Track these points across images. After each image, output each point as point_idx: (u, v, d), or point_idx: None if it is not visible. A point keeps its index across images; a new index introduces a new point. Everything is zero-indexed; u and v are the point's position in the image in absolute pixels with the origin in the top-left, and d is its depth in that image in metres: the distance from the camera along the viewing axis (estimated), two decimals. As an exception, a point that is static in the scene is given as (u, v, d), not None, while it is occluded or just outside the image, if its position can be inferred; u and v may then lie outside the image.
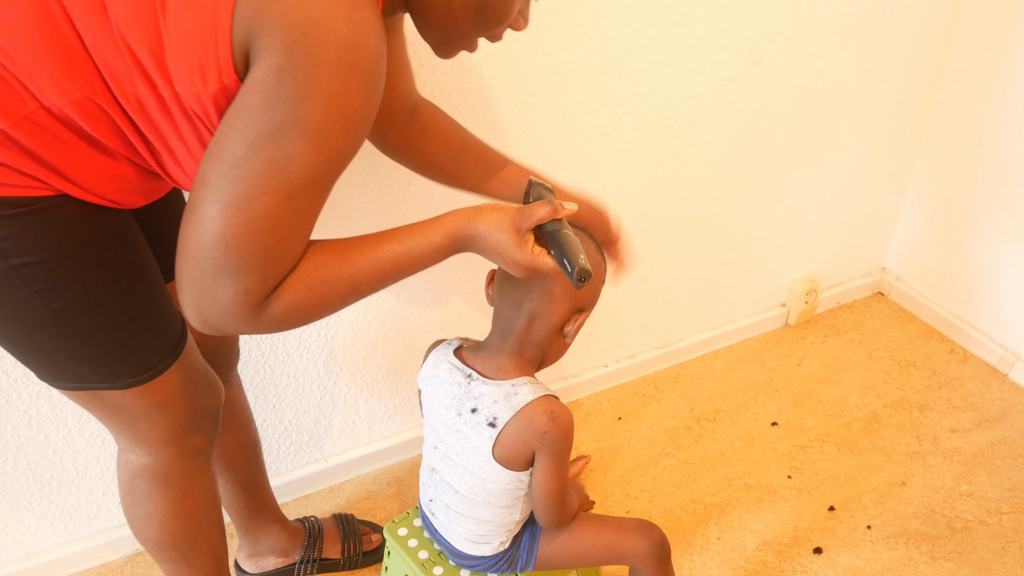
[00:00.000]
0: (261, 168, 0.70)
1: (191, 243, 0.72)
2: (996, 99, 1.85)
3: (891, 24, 1.78)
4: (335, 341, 1.48)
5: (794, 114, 1.77)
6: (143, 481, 1.01)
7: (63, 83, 0.71)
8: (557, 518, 1.09)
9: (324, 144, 0.71)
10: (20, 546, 1.38)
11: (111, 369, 0.87)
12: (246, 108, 0.70)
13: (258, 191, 0.70)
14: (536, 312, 1.01)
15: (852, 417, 1.84)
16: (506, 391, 1.02)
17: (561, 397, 1.83)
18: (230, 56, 0.69)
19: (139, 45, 0.69)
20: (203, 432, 1.01)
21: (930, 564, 1.50)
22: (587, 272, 0.85)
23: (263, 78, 0.68)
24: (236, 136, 0.70)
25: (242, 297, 0.74)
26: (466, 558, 1.14)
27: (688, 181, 1.71)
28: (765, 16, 1.59)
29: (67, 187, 0.77)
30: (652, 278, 1.82)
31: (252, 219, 0.71)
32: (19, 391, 1.24)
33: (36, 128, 0.72)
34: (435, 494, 1.14)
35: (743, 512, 1.59)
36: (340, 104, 0.70)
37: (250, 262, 0.72)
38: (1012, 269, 1.93)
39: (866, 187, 2.04)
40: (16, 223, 0.75)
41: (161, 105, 0.73)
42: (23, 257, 0.77)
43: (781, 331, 2.12)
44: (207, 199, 0.71)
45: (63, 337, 0.83)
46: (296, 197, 0.72)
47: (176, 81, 0.71)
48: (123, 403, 0.91)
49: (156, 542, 1.06)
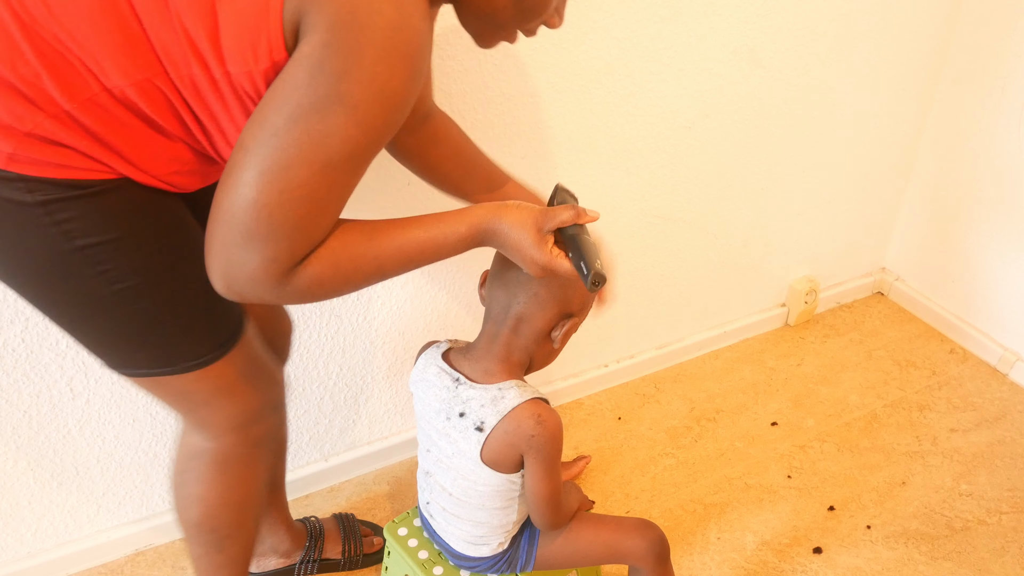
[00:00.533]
0: (300, 139, 0.72)
1: (225, 206, 0.73)
2: (996, 99, 1.85)
3: (891, 24, 1.78)
4: (335, 341, 1.48)
5: (794, 114, 1.77)
6: (199, 463, 1.02)
7: (125, 65, 0.72)
8: (552, 520, 1.09)
9: (363, 121, 0.73)
10: (20, 546, 1.38)
11: (171, 353, 0.89)
12: (291, 80, 0.71)
13: (295, 161, 0.72)
14: (523, 315, 1.01)
15: (852, 417, 1.84)
16: (493, 395, 1.02)
17: (561, 397, 1.83)
18: (281, 32, 0.71)
19: (195, 27, 0.71)
20: (266, 422, 1.02)
21: (930, 564, 1.50)
22: (602, 277, 0.87)
23: (309, 52, 0.70)
24: (278, 106, 0.72)
25: (270, 264, 0.75)
26: (465, 559, 1.14)
27: (688, 181, 1.71)
28: (765, 16, 1.59)
29: (128, 169, 0.78)
30: (652, 278, 1.82)
31: (286, 188, 0.72)
32: (19, 391, 1.24)
33: (99, 110, 0.74)
34: (431, 497, 1.14)
35: (743, 512, 1.59)
36: (382, 83, 0.72)
37: (280, 230, 0.74)
38: (1012, 269, 1.93)
39: (866, 187, 2.05)
40: (81, 204, 0.77)
41: (213, 86, 0.75)
42: (87, 238, 0.78)
43: (781, 331, 2.12)
44: (244, 164, 0.73)
45: (124, 320, 0.84)
46: (331, 171, 0.74)
47: (229, 61, 0.73)
48: (185, 388, 0.92)
49: (197, 524, 1.07)
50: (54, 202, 0.75)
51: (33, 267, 0.80)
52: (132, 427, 1.37)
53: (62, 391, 1.27)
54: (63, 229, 0.77)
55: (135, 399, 1.34)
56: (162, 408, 1.37)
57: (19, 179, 0.73)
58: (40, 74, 0.71)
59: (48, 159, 0.74)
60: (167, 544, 1.49)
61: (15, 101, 0.71)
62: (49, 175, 0.74)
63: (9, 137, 0.72)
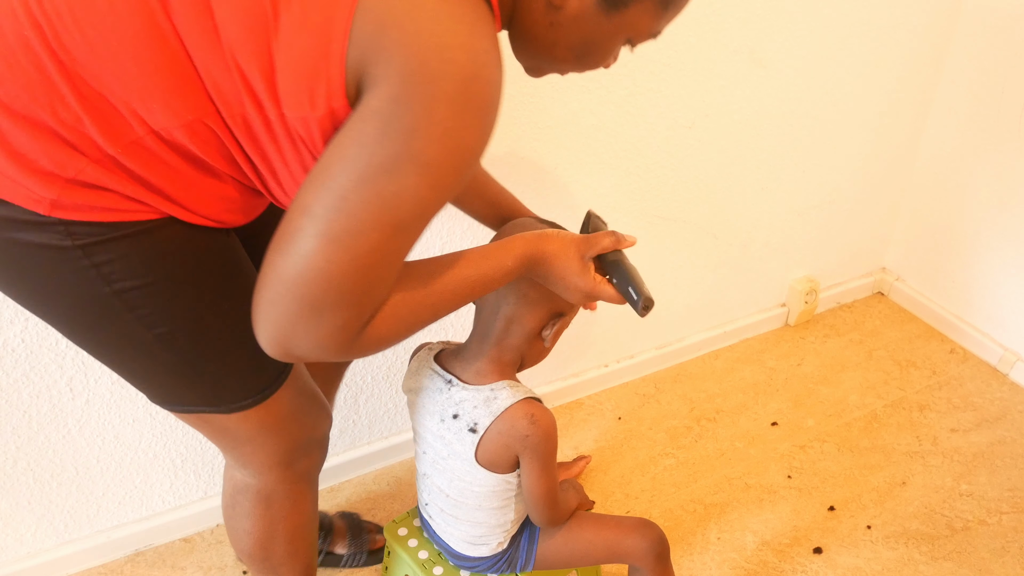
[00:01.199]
0: (369, 202, 0.67)
1: (286, 275, 0.69)
2: (996, 99, 1.85)
3: (891, 24, 1.78)
4: (335, 341, 1.48)
5: (794, 114, 1.77)
6: (245, 499, 1.01)
7: (175, 105, 0.69)
8: (550, 517, 1.09)
9: (436, 180, 0.69)
10: (20, 546, 1.38)
11: (215, 393, 0.86)
12: (358, 136, 0.67)
13: (366, 226, 0.68)
14: (513, 316, 1.01)
15: (852, 417, 1.84)
16: (485, 396, 1.02)
17: (561, 397, 1.83)
18: (342, 80, 0.67)
19: (250, 66, 0.68)
20: (310, 457, 1.00)
21: (930, 564, 1.50)
22: (652, 302, 0.89)
23: (378, 107, 0.66)
24: (345, 166, 0.67)
25: (339, 332, 0.72)
26: (465, 559, 1.14)
27: (688, 181, 1.71)
28: (765, 16, 1.59)
29: (173, 209, 0.75)
30: (652, 278, 1.82)
31: (357, 255, 0.68)
32: (19, 391, 1.24)
33: (144, 152, 0.71)
34: (429, 498, 1.14)
35: (743, 512, 1.59)
36: (455, 139, 0.68)
37: (351, 298, 0.70)
38: (1012, 269, 1.93)
39: (866, 187, 2.04)
40: (120, 246, 0.74)
41: (267, 127, 0.72)
42: (126, 282, 0.76)
43: (781, 331, 2.12)
44: (309, 231, 0.68)
45: (166, 362, 0.82)
46: (401, 232, 0.70)
47: (284, 104, 0.69)
48: (228, 426, 0.90)
49: (250, 555, 1.06)
50: (93, 245, 0.73)
51: (72, 310, 0.77)
52: (132, 427, 1.37)
53: (62, 391, 1.27)
54: (102, 272, 0.75)
55: (135, 399, 1.34)
56: (162, 408, 1.37)
57: (59, 223, 0.71)
58: (82, 119, 0.68)
59: (91, 203, 0.71)
60: (167, 544, 1.49)
61: (57, 147, 0.68)
62: (90, 218, 0.72)
63: (52, 184, 0.69)
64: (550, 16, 0.77)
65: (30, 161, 0.68)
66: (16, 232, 0.71)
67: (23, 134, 0.68)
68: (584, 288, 0.89)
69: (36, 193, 0.69)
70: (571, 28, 0.78)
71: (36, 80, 0.66)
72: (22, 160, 0.68)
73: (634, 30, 0.79)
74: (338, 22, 0.65)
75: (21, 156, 0.68)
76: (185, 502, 1.50)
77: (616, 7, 0.76)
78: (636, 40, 0.81)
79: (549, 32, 0.79)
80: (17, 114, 0.67)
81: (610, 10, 0.76)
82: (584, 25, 0.78)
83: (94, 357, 0.84)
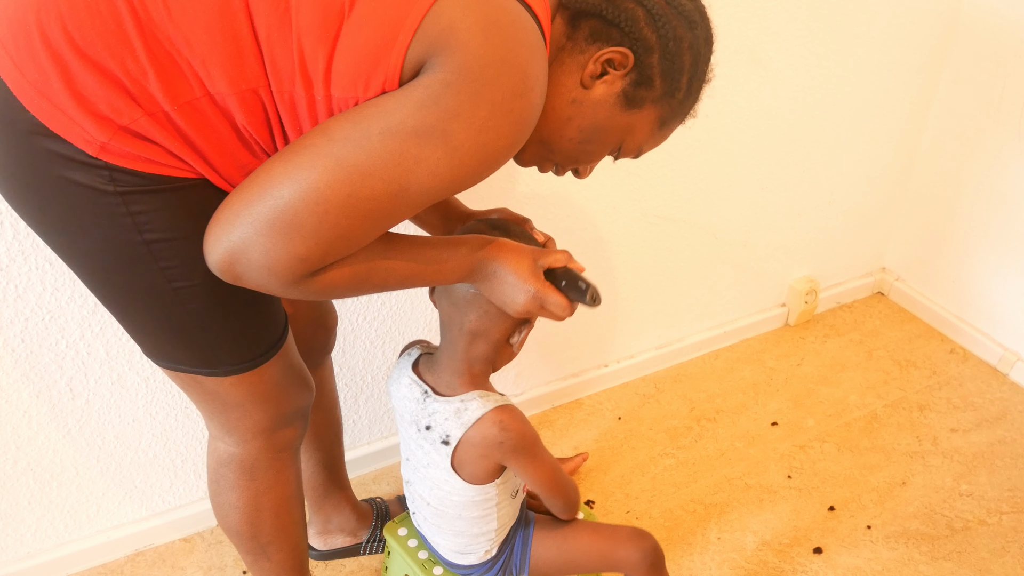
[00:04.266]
0: (391, 153, 0.71)
1: (279, 182, 0.71)
2: (996, 99, 1.85)
3: (891, 23, 1.78)
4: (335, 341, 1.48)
5: (794, 114, 1.77)
6: (229, 471, 1.03)
7: (233, 73, 0.73)
8: (564, 504, 1.11)
9: (457, 165, 0.73)
10: (20, 546, 1.38)
11: (214, 355, 0.89)
12: (403, 98, 0.71)
13: (376, 172, 0.71)
14: (476, 331, 1.01)
15: (852, 417, 1.84)
16: (456, 407, 1.02)
17: (561, 397, 1.83)
18: (399, 68, 0.72)
19: (314, 47, 0.72)
20: (292, 427, 1.02)
21: (930, 564, 1.50)
22: (598, 295, 0.91)
23: (429, 83, 0.71)
24: (380, 115, 0.71)
25: (297, 263, 0.73)
26: (457, 567, 1.15)
27: (688, 181, 1.71)
28: (765, 16, 1.59)
29: (209, 172, 0.79)
30: (652, 278, 1.82)
31: (355, 194, 0.71)
32: (19, 391, 1.24)
33: (197, 114, 0.74)
34: (415, 507, 1.15)
35: (743, 512, 1.59)
36: (487, 139, 0.73)
37: (327, 233, 0.72)
38: (1012, 269, 1.93)
39: (866, 187, 2.04)
40: (156, 200, 0.77)
41: (311, 106, 0.75)
42: (157, 233, 0.79)
43: (781, 331, 2.12)
44: (322, 149, 0.71)
45: (176, 317, 0.85)
46: (402, 197, 0.73)
47: (335, 84, 0.73)
48: (219, 390, 0.92)
49: (238, 532, 1.07)
50: (132, 193, 0.76)
51: (100, 253, 0.80)
52: (132, 427, 1.37)
53: (62, 391, 1.27)
54: (136, 221, 0.77)
55: (135, 399, 1.34)
56: (162, 408, 1.37)
57: (105, 168, 0.74)
58: (147, 72, 0.72)
59: (137, 152, 0.74)
60: (167, 544, 1.49)
61: (117, 95, 0.72)
62: (134, 167, 0.75)
63: (105, 128, 0.73)
64: (576, 92, 0.85)
65: (91, 104, 0.72)
66: (66, 170, 0.75)
67: (90, 78, 0.71)
68: (534, 289, 0.90)
69: (89, 134, 0.73)
70: (589, 110, 0.86)
71: (113, 31, 0.71)
72: (83, 101, 0.72)
73: (631, 135, 0.89)
74: (411, 18, 0.71)
75: (83, 97, 0.72)
76: (185, 502, 1.50)
77: (632, 104, 0.86)
78: (626, 148, 0.91)
79: (569, 108, 0.86)
80: (89, 59, 0.71)
81: (627, 106, 0.86)
82: (601, 111, 0.86)
83: (105, 304, 0.87)
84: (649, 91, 0.85)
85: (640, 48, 0.82)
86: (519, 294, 0.91)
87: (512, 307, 0.92)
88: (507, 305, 0.92)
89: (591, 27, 0.83)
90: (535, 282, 0.90)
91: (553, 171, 0.95)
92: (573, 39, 0.84)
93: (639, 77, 0.84)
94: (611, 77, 0.84)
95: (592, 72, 0.83)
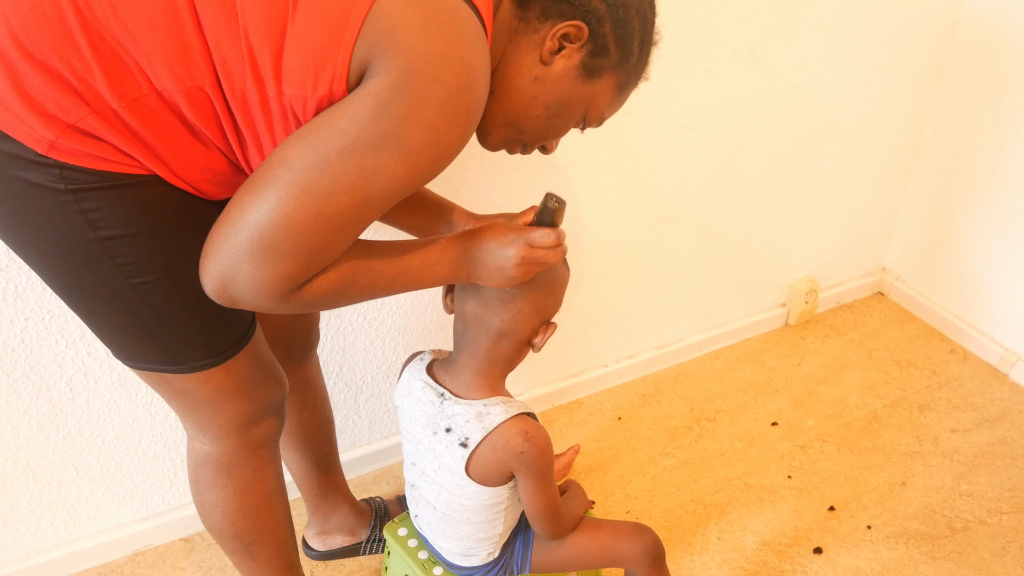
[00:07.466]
0: (350, 170, 0.74)
1: (251, 214, 0.75)
2: (996, 99, 1.85)
3: (891, 23, 1.78)
4: (335, 341, 1.48)
5: (794, 114, 1.77)
6: (206, 470, 1.03)
7: (178, 71, 0.74)
8: (553, 530, 1.10)
9: (412, 166, 0.77)
10: (20, 546, 1.38)
11: (179, 351, 0.90)
12: (352, 112, 0.74)
13: (339, 189, 0.75)
14: (506, 331, 1.01)
15: (852, 417, 1.84)
16: (478, 411, 1.02)
17: (561, 397, 1.83)
18: (346, 68, 0.74)
19: (261, 45, 0.74)
20: (266, 424, 1.03)
21: (930, 564, 1.50)
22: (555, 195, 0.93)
23: (376, 92, 0.73)
24: (334, 134, 0.74)
25: (282, 281, 0.77)
26: (459, 569, 1.15)
27: (688, 181, 1.71)
28: (765, 16, 1.59)
29: (160, 168, 0.80)
30: (652, 278, 1.82)
31: (322, 213, 0.75)
32: (19, 391, 1.24)
33: (145, 111, 0.76)
34: (418, 510, 1.15)
35: (743, 512, 1.59)
36: (438, 136, 0.76)
37: (304, 251, 0.76)
38: (1012, 269, 1.93)
39: (866, 187, 2.04)
40: (108, 196, 0.78)
41: (263, 103, 0.77)
42: (110, 230, 0.80)
43: (781, 331, 2.12)
44: (285, 179, 0.74)
45: (136, 314, 0.86)
46: (367, 205, 0.77)
47: (286, 82, 0.75)
48: (187, 388, 0.93)
49: (220, 531, 1.08)
50: (84, 191, 0.77)
51: (56, 253, 0.81)
52: (132, 427, 1.37)
53: (62, 391, 1.27)
54: (89, 218, 0.78)
55: (135, 399, 1.34)
56: (162, 408, 1.37)
57: (55, 165, 0.75)
58: (94, 71, 0.72)
59: (86, 150, 0.75)
60: (167, 544, 1.49)
61: (64, 94, 0.73)
62: (83, 164, 0.76)
63: (53, 126, 0.74)
64: (537, 70, 0.87)
65: (37, 103, 0.73)
66: (16, 169, 0.75)
67: (36, 77, 0.72)
68: (517, 236, 0.91)
69: (37, 132, 0.74)
70: (553, 86, 0.88)
71: (58, 30, 0.71)
72: (30, 100, 0.73)
73: (594, 104, 0.92)
74: (353, 17, 0.73)
75: (30, 97, 0.73)
76: (185, 502, 1.50)
77: (592, 75, 0.88)
78: (590, 118, 0.94)
79: (532, 86, 0.88)
80: (34, 59, 0.72)
81: (587, 76, 0.88)
82: (564, 85, 0.88)
83: (70, 306, 0.88)
84: (606, 59, 0.88)
85: (592, 19, 0.85)
86: (507, 250, 0.92)
87: (509, 269, 0.92)
88: (504, 270, 0.93)
89: (541, 6, 0.85)
90: (514, 232, 0.92)
91: (520, 151, 0.97)
92: (525, 20, 0.86)
93: (595, 47, 0.87)
94: (568, 51, 0.86)
95: (550, 48, 0.86)
